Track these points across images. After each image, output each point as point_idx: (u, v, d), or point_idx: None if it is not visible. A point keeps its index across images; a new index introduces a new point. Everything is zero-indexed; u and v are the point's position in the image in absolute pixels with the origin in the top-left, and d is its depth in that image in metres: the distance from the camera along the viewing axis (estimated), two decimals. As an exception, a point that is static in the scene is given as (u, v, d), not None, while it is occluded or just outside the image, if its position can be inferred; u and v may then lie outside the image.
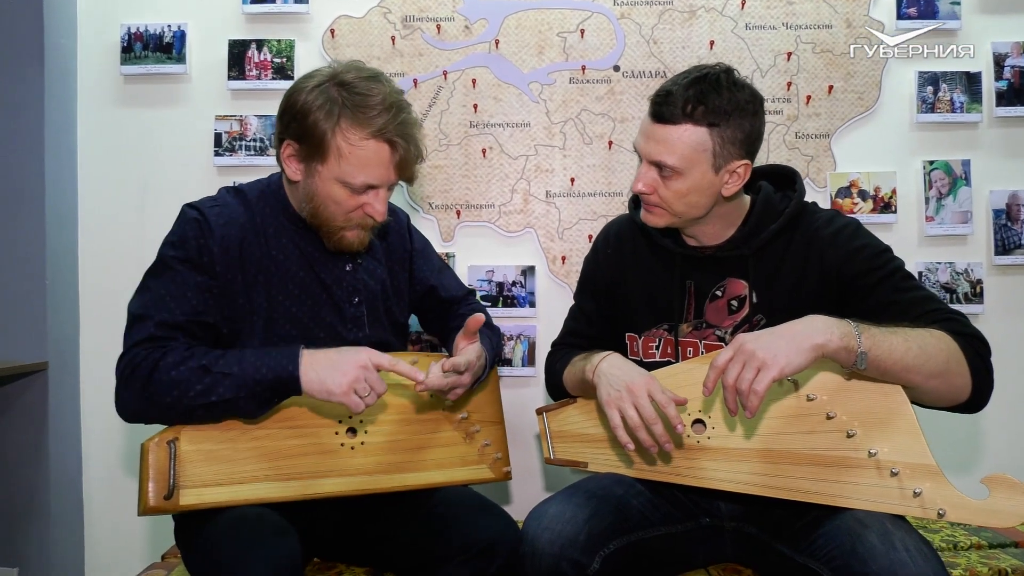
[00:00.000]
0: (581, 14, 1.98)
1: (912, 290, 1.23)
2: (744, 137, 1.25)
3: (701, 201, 1.29)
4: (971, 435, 2.02)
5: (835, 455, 1.16)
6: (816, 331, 1.08)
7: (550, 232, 2.00)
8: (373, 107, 1.20)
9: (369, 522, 1.37)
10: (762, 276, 1.33)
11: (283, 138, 1.26)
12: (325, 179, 1.24)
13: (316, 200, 1.26)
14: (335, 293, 1.36)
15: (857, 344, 1.08)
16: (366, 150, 1.21)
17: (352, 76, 1.22)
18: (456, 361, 1.30)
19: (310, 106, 1.20)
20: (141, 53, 1.98)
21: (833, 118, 1.99)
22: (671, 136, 1.24)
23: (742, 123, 1.24)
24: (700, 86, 1.23)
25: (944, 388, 1.14)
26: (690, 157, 1.24)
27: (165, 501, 1.14)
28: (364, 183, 1.24)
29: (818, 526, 1.16)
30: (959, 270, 1.98)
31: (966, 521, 1.07)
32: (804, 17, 1.98)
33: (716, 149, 1.24)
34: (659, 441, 1.21)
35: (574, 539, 1.19)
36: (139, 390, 1.14)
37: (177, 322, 1.19)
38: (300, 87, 1.24)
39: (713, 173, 1.26)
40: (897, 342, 1.10)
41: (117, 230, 2.00)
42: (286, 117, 1.25)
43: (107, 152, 2.00)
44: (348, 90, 1.20)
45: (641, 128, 1.31)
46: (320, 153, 1.22)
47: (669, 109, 1.23)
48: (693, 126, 1.23)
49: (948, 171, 1.98)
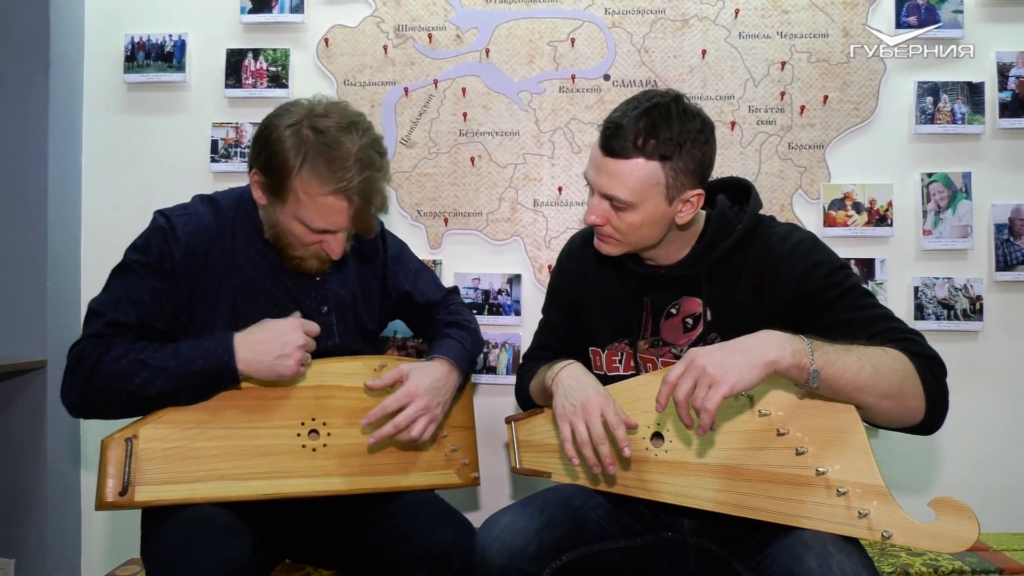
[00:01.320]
0: (572, 23, 1.98)
1: (869, 308, 1.20)
2: (696, 167, 1.22)
3: (655, 231, 1.27)
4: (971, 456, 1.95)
5: (785, 472, 1.14)
6: (769, 347, 1.06)
7: (537, 241, 2.00)
8: (339, 161, 1.19)
9: (337, 524, 1.38)
10: (716, 294, 1.31)
11: (252, 165, 1.28)
12: (285, 214, 1.26)
13: (277, 228, 1.29)
14: (303, 302, 1.38)
15: (810, 362, 1.06)
16: (323, 203, 1.22)
17: (328, 123, 1.21)
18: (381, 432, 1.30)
19: (279, 145, 1.21)
20: (143, 62, 2.04)
21: (828, 128, 1.95)
22: (622, 170, 1.20)
23: (694, 153, 1.21)
24: (650, 117, 1.19)
25: (897, 409, 1.12)
26: (642, 191, 1.21)
27: (120, 497, 1.17)
28: (321, 227, 1.26)
29: (768, 544, 1.15)
30: (958, 286, 1.92)
31: (912, 544, 1.04)
32: (800, 26, 1.95)
33: (669, 181, 1.21)
34: (603, 462, 1.21)
35: (523, 550, 1.19)
36: (83, 382, 1.19)
37: (128, 323, 1.24)
38: (276, 122, 1.24)
39: (666, 204, 1.23)
40: (851, 360, 1.08)
41: (118, 233, 2.02)
42: (257, 146, 1.26)
43: (110, 157, 2.06)
44: (319, 138, 1.20)
45: (592, 158, 1.26)
46: (280, 194, 1.23)
47: (619, 143, 1.19)
48: (645, 160, 1.19)
49: (948, 184, 1.93)
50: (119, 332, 1.23)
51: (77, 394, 1.21)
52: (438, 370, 1.38)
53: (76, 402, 1.22)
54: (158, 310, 1.27)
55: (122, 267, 1.29)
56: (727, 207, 1.33)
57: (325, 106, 1.25)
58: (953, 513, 1.03)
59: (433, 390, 1.34)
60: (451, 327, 1.52)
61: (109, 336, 1.22)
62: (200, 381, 1.22)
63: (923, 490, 1.94)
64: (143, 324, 1.25)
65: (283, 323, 1.27)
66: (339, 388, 1.37)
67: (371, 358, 1.43)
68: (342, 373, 1.38)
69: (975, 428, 1.90)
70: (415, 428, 1.30)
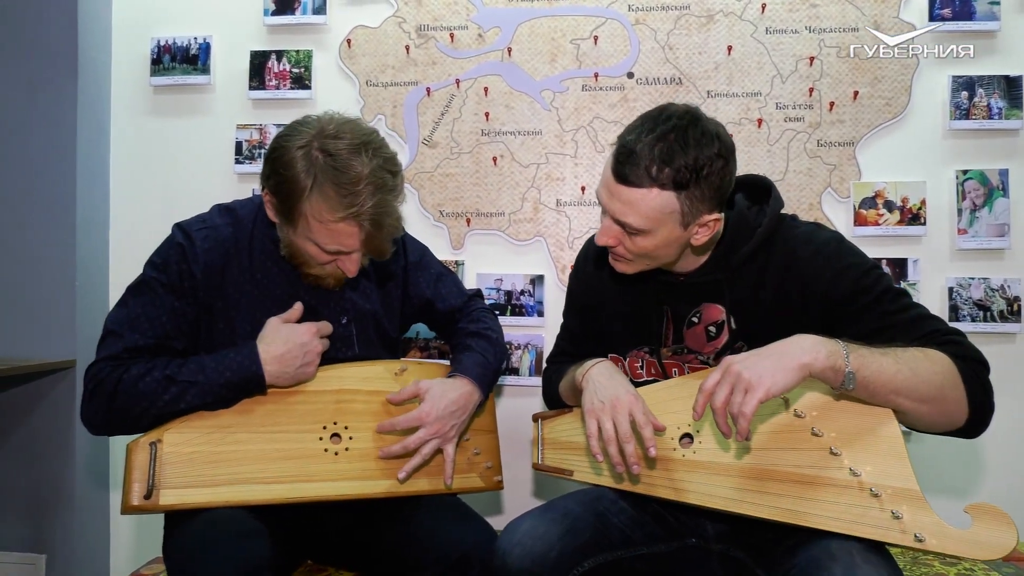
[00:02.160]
0: (595, 21, 1.96)
1: (905, 310, 1.16)
2: (714, 193, 1.16)
3: (669, 252, 1.23)
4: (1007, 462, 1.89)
5: (818, 473, 1.12)
6: (803, 350, 1.04)
7: (560, 241, 1.98)
8: (348, 185, 1.16)
9: (358, 527, 1.38)
10: (738, 300, 1.27)
11: (264, 185, 1.26)
12: (299, 235, 1.25)
13: (292, 247, 1.28)
14: (321, 314, 1.36)
15: (845, 364, 1.04)
16: (334, 228, 1.20)
17: (338, 145, 1.18)
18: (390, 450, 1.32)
19: (290, 169, 1.18)
20: (169, 64, 2.06)
21: (858, 125, 1.90)
22: (635, 198, 1.15)
23: (711, 180, 1.14)
24: (666, 143, 1.12)
25: (937, 413, 1.09)
26: (656, 219, 1.16)
27: (145, 501, 1.17)
28: (335, 249, 1.24)
29: (794, 554, 1.12)
30: (994, 286, 1.87)
31: (946, 551, 1.01)
32: (829, 20, 1.90)
33: (684, 209, 1.15)
34: (627, 461, 1.19)
35: (544, 556, 1.17)
36: (104, 404, 1.20)
37: (146, 345, 1.24)
38: (287, 143, 1.21)
39: (681, 230, 1.18)
40: (887, 363, 1.05)
41: (145, 234, 2.06)
42: (268, 167, 1.23)
43: (136, 159, 2.09)
44: (329, 161, 1.17)
45: (604, 180, 1.20)
46: (291, 217, 1.22)
47: (633, 170, 1.13)
48: (659, 190, 1.13)
49: (984, 181, 1.87)
50: (136, 355, 1.23)
51: (102, 416, 1.22)
52: (458, 390, 1.37)
53: (101, 423, 1.23)
54: (175, 329, 1.27)
55: (140, 284, 1.28)
56: (746, 208, 1.29)
57: (336, 125, 1.21)
58: (991, 519, 1.00)
59: (447, 414, 1.33)
60: (474, 337, 1.49)
61: (127, 359, 1.22)
62: (228, 392, 1.23)
63: (959, 496, 1.88)
64: (160, 345, 1.25)
65: (300, 332, 1.27)
66: (360, 392, 1.37)
67: (391, 362, 1.43)
68: (362, 377, 1.38)
69: (1012, 433, 1.85)
70: (424, 450, 1.32)
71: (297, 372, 1.27)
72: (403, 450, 1.31)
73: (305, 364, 1.27)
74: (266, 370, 1.23)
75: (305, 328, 1.28)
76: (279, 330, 1.27)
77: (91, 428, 1.25)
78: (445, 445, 1.36)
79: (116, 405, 1.19)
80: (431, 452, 1.33)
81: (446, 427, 1.34)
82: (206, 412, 1.25)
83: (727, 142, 1.17)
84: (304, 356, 1.27)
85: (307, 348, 1.27)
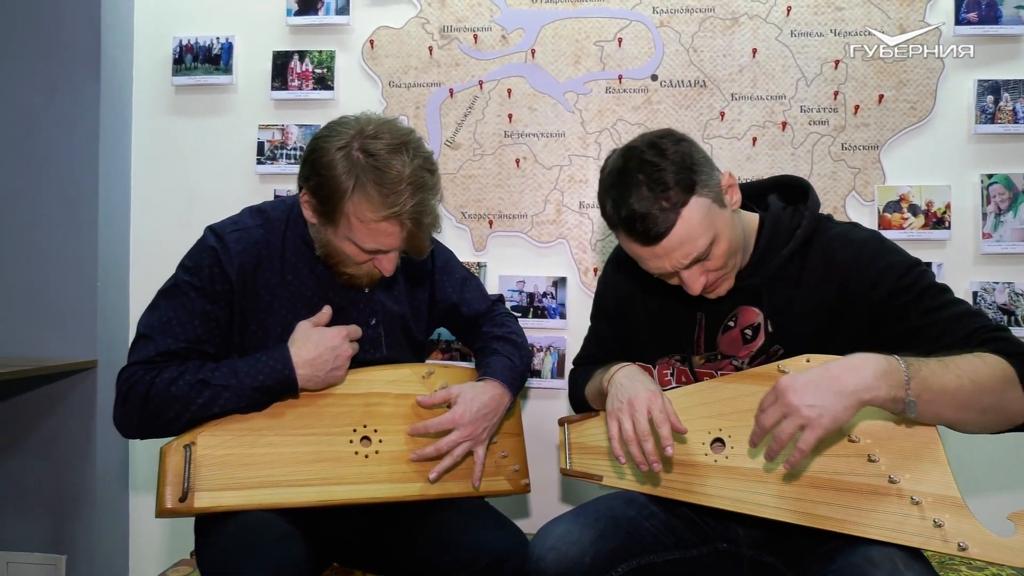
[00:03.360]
0: (619, 23, 1.95)
1: (948, 306, 1.14)
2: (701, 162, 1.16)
3: (737, 237, 1.20)
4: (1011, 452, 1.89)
5: (856, 480, 1.11)
6: (864, 384, 1.01)
7: (582, 243, 1.98)
8: (390, 185, 1.17)
9: (386, 530, 1.38)
10: (776, 303, 1.25)
11: (302, 185, 1.26)
12: (338, 235, 1.25)
13: (328, 248, 1.28)
14: (351, 315, 1.37)
15: (906, 393, 1.02)
16: (376, 228, 1.21)
17: (378, 145, 1.19)
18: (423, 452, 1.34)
19: (330, 170, 1.19)
20: (191, 64, 2.06)
21: (883, 129, 1.89)
22: (679, 234, 1.13)
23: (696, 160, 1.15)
24: (648, 186, 1.12)
25: (996, 420, 1.07)
26: (704, 225, 1.14)
27: (180, 504, 1.17)
28: (374, 248, 1.25)
29: (831, 560, 1.11)
30: (1019, 291, 1.86)
31: (989, 559, 1.00)
32: (854, 23, 1.90)
33: (709, 196, 1.14)
34: (648, 459, 1.18)
35: (579, 561, 1.17)
36: (137, 408, 1.20)
37: (178, 349, 1.24)
38: (326, 144, 1.21)
39: (727, 211, 1.18)
40: (949, 379, 1.02)
41: (166, 234, 2.08)
42: (307, 168, 1.24)
43: (158, 159, 2.09)
44: (370, 161, 1.18)
45: (641, 258, 1.19)
46: (332, 217, 1.22)
47: (654, 227, 1.12)
48: (684, 208, 1.12)
49: (1009, 185, 1.86)
50: (168, 359, 1.23)
51: (136, 420, 1.22)
52: (489, 393, 1.38)
53: (136, 426, 1.23)
54: (207, 333, 1.27)
55: (172, 287, 1.28)
56: (780, 209, 1.28)
57: (375, 126, 1.22)
58: None
59: (480, 417, 1.35)
60: (500, 341, 1.50)
61: (159, 362, 1.22)
62: (262, 395, 1.23)
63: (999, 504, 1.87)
64: (192, 349, 1.25)
65: (330, 335, 1.27)
66: (388, 395, 1.37)
67: (419, 365, 1.43)
68: (390, 380, 1.38)
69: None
70: (456, 452, 1.33)
71: (328, 376, 1.27)
72: (436, 452, 1.32)
73: (336, 368, 1.27)
74: (298, 373, 1.23)
75: (335, 332, 1.28)
76: (310, 334, 1.27)
77: (124, 431, 1.25)
78: (476, 447, 1.37)
79: (150, 409, 1.20)
80: (462, 454, 1.35)
81: (478, 430, 1.35)
82: (238, 415, 1.25)
83: (660, 133, 1.19)
84: (335, 360, 1.27)
85: (337, 352, 1.27)
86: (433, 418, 1.34)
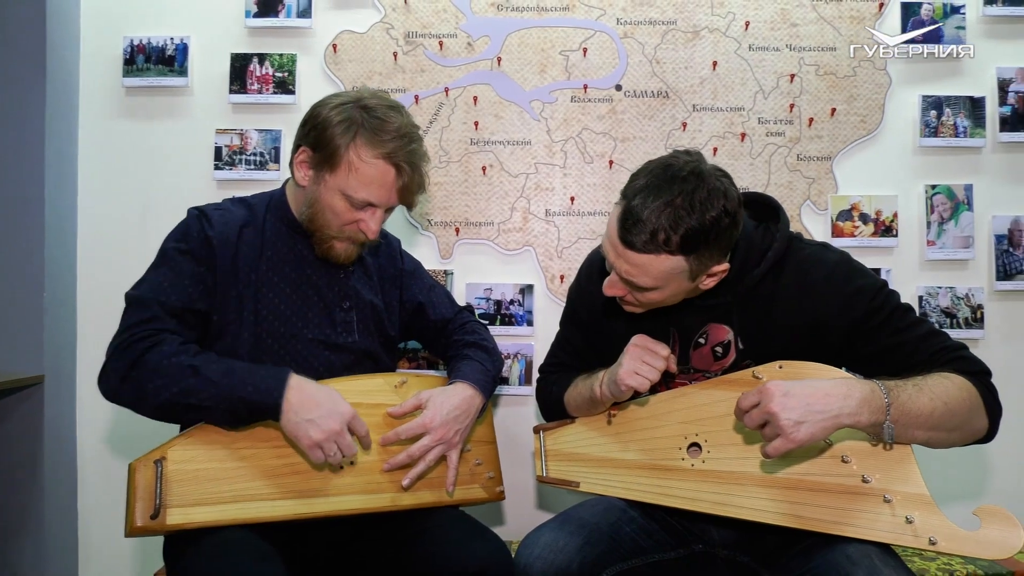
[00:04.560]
0: (584, 32, 1.98)
1: (914, 327, 1.20)
2: (722, 248, 1.17)
3: (677, 298, 1.24)
4: (971, 462, 1.99)
5: (831, 481, 1.16)
6: (847, 411, 1.06)
7: (549, 251, 1.99)
8: (388, 131, 1.28)
9: (364, 544, 1.36)
10: (747, 323, 1.28)
11: (300, 144, 1.33)
12: (330, 188, 1.30)
13: (316, 206, 1.33)
14: (326, 295, 1.39)
15: (885, 418, 1.08)
16: (374, 168, 1.28)
17: (374, 102, 1.31)
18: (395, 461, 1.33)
19: (331, 120, 1.28)
20: (143, 65, 1.98)
21: (835, 140, 1.98)
22: (643, 262, 1.15)
23: (720, 241, 1.15)
24: (672, 209, 1.11)
25: (960, 437, 1.15)
26: (665, 279, 1.17)
27: (152, 521, 1.13)
28: (365, 200, 1.30)
29: (808, 559, 1.15)
30: (960, 295, 1.97)
31: (957, 552, 1.06)
32: (808, 39, 1.97)
33: (693, 268, 1.16)
34: None
35: (566, 568, 1.18)
36: (126, 368, 1.17)
37: (174, 308, 1.23)
38: (324, 103, 1.32)
39: (690, 283, 1.20)
40: (924, 403, 1.09)
41: (117, 243, 2.00)
42: (307, 126, 1.32)
43: (108, 164, 2.00)
44: (368, 113, 1.29)
45: (610, 239, 1.19)
46: (331, 163, 1.29)
47: (640, 238, 1.12)
48: (668, 255, 1.13)
49: (950, 196, 1.97)
50: (167, 318, 1.22)
51: (118, 378, 1.17)
52: (459, 396, 1.38)
53: (115, 387, 1.19)
54: (199, 293, 1.27)
55: (159, 258, 1.30)
56: (752, 228, 1.29)
57: (369, 92, 1.35)
58: (999, 521, 1.06)
59: (451, 420, 1.35)
60: (471, 347, 1.52)
61: (161, 319, 1.21)
62: (242, 408, 1.19)
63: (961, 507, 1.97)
64: (187, 310, 1.25)
65: (340, 402, 1.25)
66: (361, 406, 1.34)
67: (391, 375, 1.43)
68: (363, 390, 1.37)
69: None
70: (428, 457, 1.33)
71: (305, 423, 1.19)
72: (408, 459, 1.32)
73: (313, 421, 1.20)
74: (286, 398, 1.19)
75: (347, 406, 1.25)
76: (328, 385, 1.27)
77: (105, 391, 1.21)
78: (449, 452, 1.37)
79: (134, 374, 1.16)
80: (435, 458, 1.34)
81: (450, 432, 1.35)
82: (210, 427, 1.21)
83: (733, 195, 1.15)
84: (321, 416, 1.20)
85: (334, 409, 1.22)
86: (404, 424, 1.33)
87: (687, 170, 1.14)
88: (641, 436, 1.35)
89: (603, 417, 1.40)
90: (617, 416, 1.39)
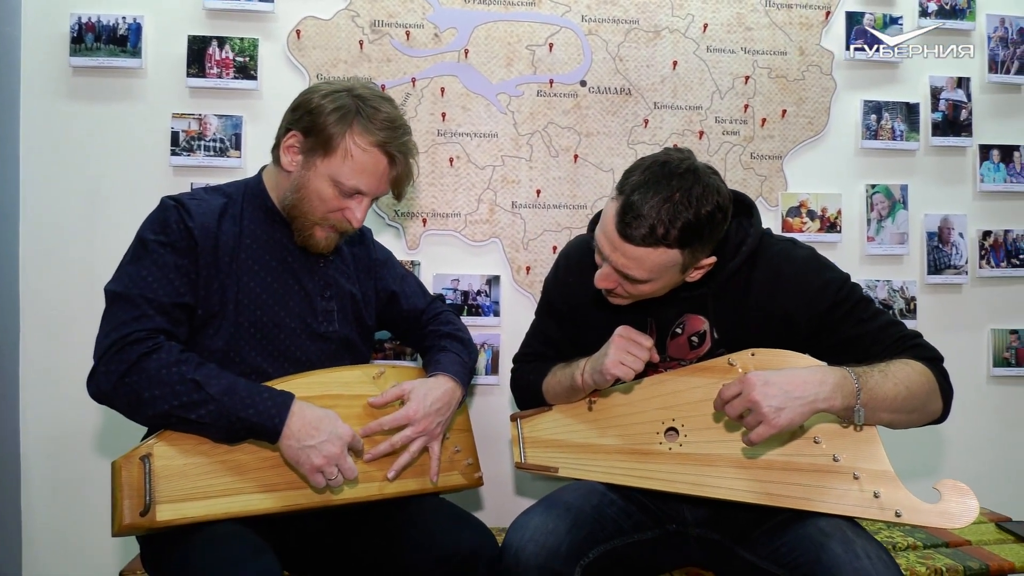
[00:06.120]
0: (550, 28, 2.01)
1: (875, 317, 1.31)
2: (713, 242, 1.24)
3: (665, 291, 1.30)
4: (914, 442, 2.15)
5: (804, 461, 1.24)
6: (824, 395, 1.15)
7: (515, 242, 2.02)
8: (382, 121, 1.29)
9: (352, 535, 1.36)
10: (722, 312, 1.35)
11: (289, 128, 1.32)
12: (320, 174, 1.30)
13: (303, 192, 1.31)
14: (306, 284, 1.38)
15: (856, 402, 1.16)
16: (369, 156, 1.29)
17: (367, 92, 1.32)
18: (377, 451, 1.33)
19: (325, 106, 1.28)
20: (93, 45, 1.88)
21: (786, 141, 2.08)
22: (639, 255, 1.20)
23: (713, 235, 1.22)
24: (671, 205, 1.16)
25: (919, 419, 1.25)
26: (659, 271, 1.22)
27: (141, 518, 1.10)
28: (355, 187, 1.30)
29: (780, 534, 1.23)
30: (895, 287, 2.11)
31: (920, 523, 1.16)
32: (761, 43, 2.07)
33: (686, 261, 1.22)
34: None
35: (556, 550, 1.21)
36: (120, 373, 1.13)
37: (162, 303, 1.20)
38: (316, 89, 1.32)
39: (680, 275, 1.26)
40: (889, 388, 1.18)
41: (63, 233, 1.90)
42: (299, 111, 1.31)
43: (53, 148, 1.89)
44: (363, 102, 1.29)
45: (605, 231, 1.22)
46: (326, 148, 1.28)
47: (638, 232, 1.17)
48: (665, 248, 1.19)
49: (888, 195, 2.11)
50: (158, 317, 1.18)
51: (111, 382, 1.13)
52: (441, 388, 1.40)
53: (108, 390, 1.14)
54: (185, 287, 1.24)
55: (139, 249, 1.24)
56: None
57: (360, 83, 1.35)
58: (957, 494, 1.16)
59: (433, 412, 1.37)
60: (448, 339, 1.54)
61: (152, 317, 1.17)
62: (240, 428, 1.17)
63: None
64: (175, 305, 1.22)
65: (340, 425, 1.24)
66: (342, 397, 1.35)
67: (369, 367, 1.43)
68: (343, 382, 1.37)
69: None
70: (412, 448, 1.35)
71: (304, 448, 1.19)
72: (390, 448, 1.33)
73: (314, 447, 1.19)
74: (287, 423, 1.18)
75: (345, 428, 1.24)
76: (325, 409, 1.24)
77: (94, 392, 1.17)
78: (432, 443, 1.39)
79: (132, 379, 1.12)
80: (419, 449, 1.36)
81: (432, 424, 1.37)
82: None
83: (724, 192, 1.22)
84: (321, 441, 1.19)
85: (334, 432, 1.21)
86: (387, 415, 1.34)
87: (683, 167, 1.19)
88: (620, 422, 1.40)
89: (583, 404, 1.44)
90: (598, 403, 1.43)
